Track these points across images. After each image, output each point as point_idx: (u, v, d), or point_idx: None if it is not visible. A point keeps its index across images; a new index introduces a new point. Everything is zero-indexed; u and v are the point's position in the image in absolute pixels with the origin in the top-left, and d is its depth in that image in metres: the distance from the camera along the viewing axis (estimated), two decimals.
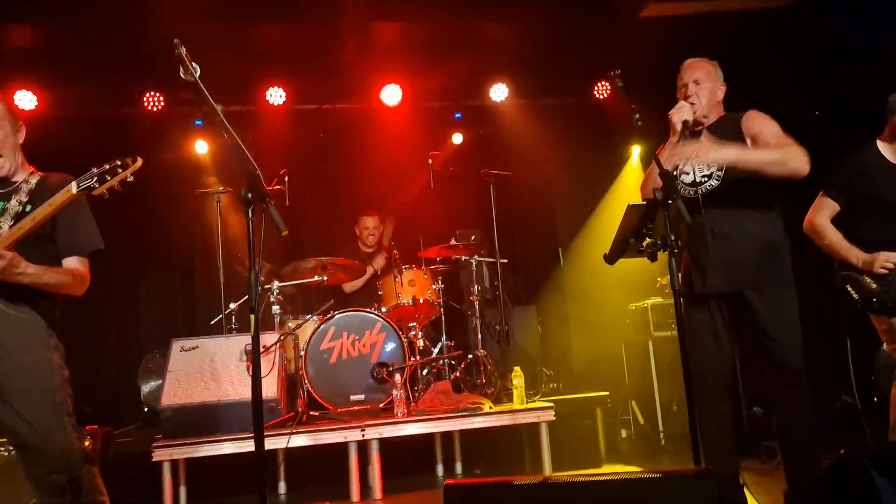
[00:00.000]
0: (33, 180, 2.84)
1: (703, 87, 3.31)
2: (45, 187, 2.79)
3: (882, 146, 3.57)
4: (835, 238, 3.50)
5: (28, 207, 2.73)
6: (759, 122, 3.19)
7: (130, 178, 2.64)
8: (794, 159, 3.02)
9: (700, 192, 3.23)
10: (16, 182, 2.85)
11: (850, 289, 3.37)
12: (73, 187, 2.59)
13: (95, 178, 2.59)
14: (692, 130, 3.32)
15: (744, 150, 3.10)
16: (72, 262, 2.81)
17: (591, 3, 5.95)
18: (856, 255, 3.38)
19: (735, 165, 3.06)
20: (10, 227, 2.67)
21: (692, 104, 3.27)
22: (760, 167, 3.03)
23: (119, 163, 2.61)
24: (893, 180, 3.45)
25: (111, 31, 5.91)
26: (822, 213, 3.54)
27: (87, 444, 2.85)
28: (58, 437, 2.64)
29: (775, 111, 3.30)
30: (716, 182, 3.20)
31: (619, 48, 6.52)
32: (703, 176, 3.24)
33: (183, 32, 2.78)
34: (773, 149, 3.07)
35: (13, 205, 2.75)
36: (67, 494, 2.64)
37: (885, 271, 3.32)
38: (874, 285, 3.30)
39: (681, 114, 3.19)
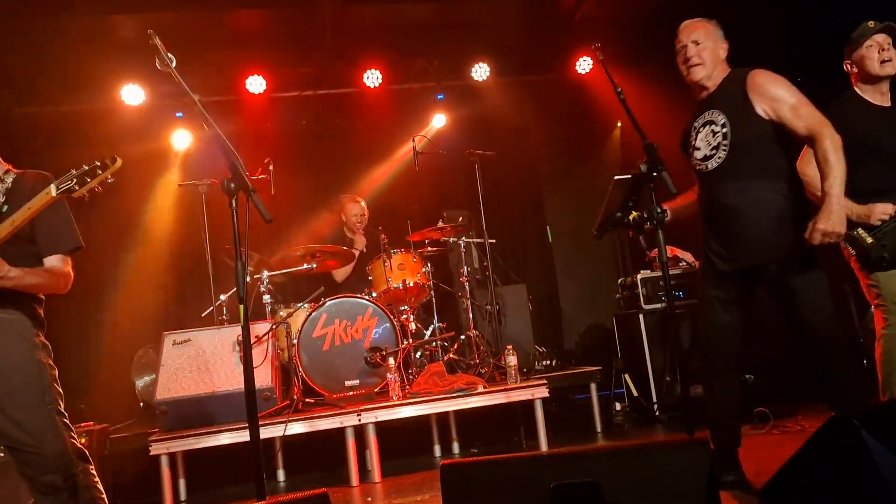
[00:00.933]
0: (9, 179, 2.79)
1: (703, 46, 3.23)
2: (22, 187, 2.74)
3: (861, 90, 3.42)
4: None
5: (5, 208, 2.69)
6: (772, 88, 3.06)
7: (111, 179, 2.57)
8: (834, 140, 2.94)
9: (710, 166, 3.18)
10: None
11: (845, 244, 3.24)
12: (53, 190, 2.51)
13: (75, 181, 2.51)
14: (699, 98, 3.30)
15: (828, 188, 2.92)
16: (53, 261, 2.78)
17: None
18: (849, 207, 3.14)
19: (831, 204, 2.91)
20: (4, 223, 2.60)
21: (696, 65, 3.22)
22: (843, 177, 2.93)
23: (98, 163, 2.53)
24: (887, 124, 3.34)
25: (87, 23, 5.84)
26: (813, 164, 3.27)
27: (82, 441, 2.83)
28: (50, 437, 2.63)
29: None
30: (724, 153, 3.12)
31: (600, 20, 6.50)
32: (711, 149, 3.18)
33: (158, 22, 2.74)
34: (826, 156, 2.94)
35: None
36: (63, 494, 2.63)
37: (879, 223, 3.19)
38: (870, 239, 3.18)
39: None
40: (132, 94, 6.39)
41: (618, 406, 5.67)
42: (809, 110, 3.02)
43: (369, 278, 5.57)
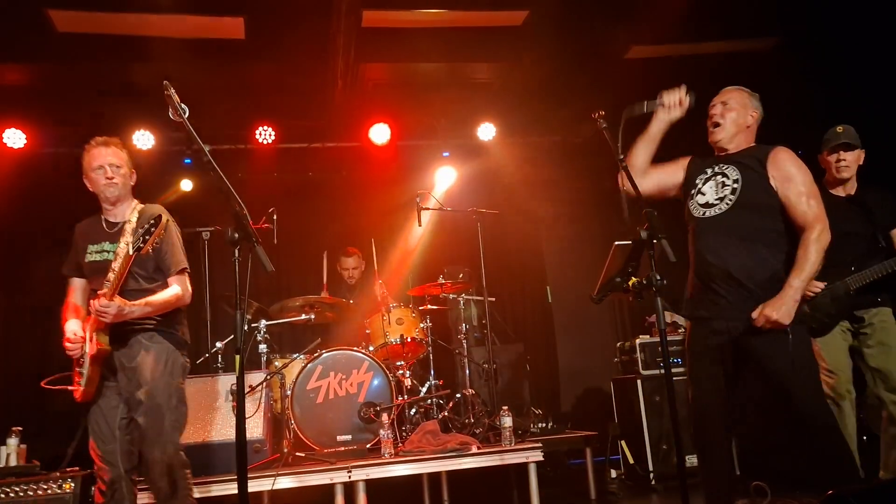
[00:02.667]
0: (134, 218, 3.39)
1: (730, 107, 3.32)
2: (143, 224, 3.23)
3: (826, 182, 3.95)
4: None
5: (131, 249, 3.17)
6: (787, 169, 3.12)
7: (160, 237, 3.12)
8: (822, 238, 3.02)
9: (708, 213, 3.21)
10: (120, 223, 3.41)
11: None
12: (130, 249, 3.12)
13: (141, 239, 3.05)
14: (718, 156, 3.35)
15: (791, 279, 2.98)
16: (173, 281, 3.43)
17: (578, 44, 6.06)
18: None
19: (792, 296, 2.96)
20: (119, 267, 3.18)
21: (718, 124, 3.31)
22: (811, 276, 3.02)
23: (153, 222, 3.05)
24: (839, 211, 3.61)
25: (102, 71, 5.97)
26: None
27: (67, 487, 2.86)
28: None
29: None
30: (726, 206, 3.16)
31: (606, 88, 6.64)
32: (716, 198, 3.21)
33: (174, 72, 2.82)
34: (807, 247, 3.01)
35: (122, 247, 3.25)
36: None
37: (811, 295, 3.63)
38: (806, 308, 3.29)
39: (668, 96, 3.27)
40: (143, 140, 6.49)
41: (613, 473, 5.58)
42: (814, 202, 3.09)
43: (367, 331, 5.55)
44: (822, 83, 6.13)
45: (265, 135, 6.79)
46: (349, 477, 4.30)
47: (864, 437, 4.65)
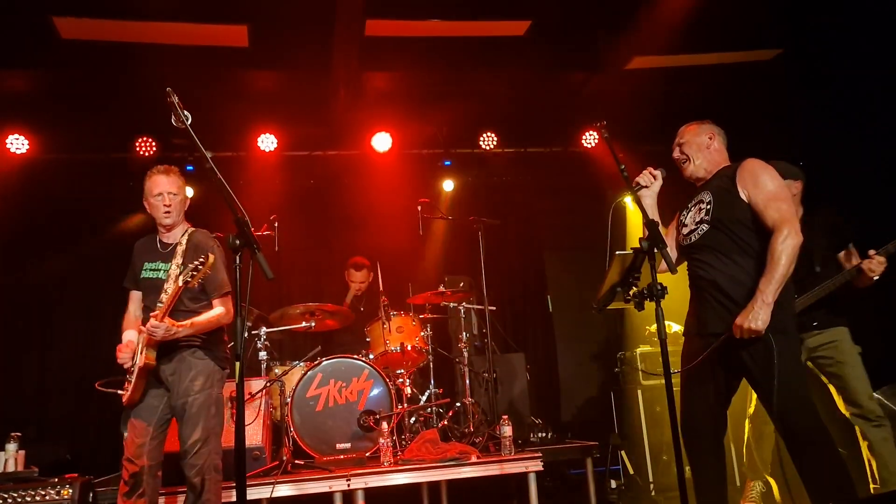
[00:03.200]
0: (185, 240, 3.69)
1: (686, 143, 3.43)
2: (192, 247, 3.64)
3: None
4: None
5: (183, 269, 3.46)
6: (753, 177, 3.17)
7: (209, 272, 3.34)
8: (788, 241, 3.00)
9: (692, 238, 3.31)
10: (173, 244, 3.70)
11: None
12: (180, 281, 3.33)
13: (191, 274, 3.27)
14: (697, 188, 3.44)
15: (762, 285, 2.99)
16: (216, 302, 3.67)
17: (579, 54, 6.09)
18: None
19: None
20: (172, 289, 3.42)
21: (683, 163, 3.43)
22: (782, 280, 3.00)
23: (203, 259, 3.25)
24: None
25: (106, 78, 6.00)
26: None
27: (65, 493, 2.87)
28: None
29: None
30: (705, 228, 3.25)
31: (607, 98, 6.67)
32: (696, 223, 3.31)
33: (177, 80, 2.83)
34: (773, 251, 3.02)
35: (173, 269, 3.57)
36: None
37: None
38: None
39: (641, 178, 3.34)
40: (146, 146, 6.52)
41: (613, 483, 5.55)
42: (782, 205, 3.11)
43: (367, 339, 5.54)
44: (823, 94, 6.15)
45: (267, 142, 6.81)
46: (348, 485, 4.29)
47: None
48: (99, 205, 6.75)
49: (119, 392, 3.67)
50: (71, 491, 4.14)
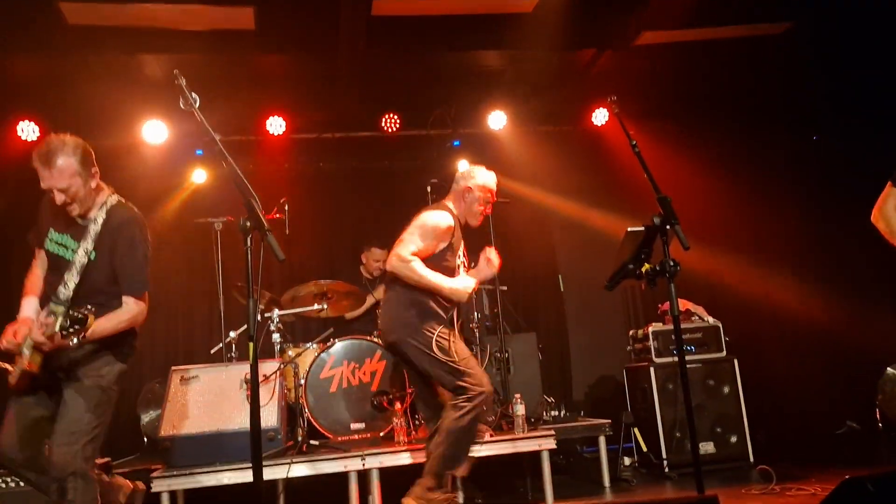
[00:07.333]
0: (100, 219, 3.10)
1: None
2: (108, 232, 3.09)
3: None
4: None
5: (93, 255, 3.04)
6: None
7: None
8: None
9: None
10: (88, 222, 3.11)
11: None
12: (57, 325, 2.81)
13: (68, 325, 2.75)
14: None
15: None
16: (128, 301, 3.15)
17: (588, 30, 6.01)
18: None
19: None
20: (76, 281, 2.98)
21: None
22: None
23: (81, 316, 2.74)
24: None
25: (113, 62, 5.99)
26: (888, 204, 3.49)
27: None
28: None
29: (773, 136, 3.32)
30: None
31: (617, 75, 6.61)
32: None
33: (184, 63, 2.82)
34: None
35: (80, 254, 3.03)
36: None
37: None
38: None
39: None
40: (155, 131, 6.51)
41: (626, 461, 5.57)
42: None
43: (379, 320, 5.55)
44: (834, 68, 6.06)
45: (276, 125, 6.79)
46: (363, 464, 4.33)
47: (881, 425, 4.62)
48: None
49: (5, 367, 3.19)
50: None
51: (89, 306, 2.77)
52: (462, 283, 4.02)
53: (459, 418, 3.79)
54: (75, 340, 2.77)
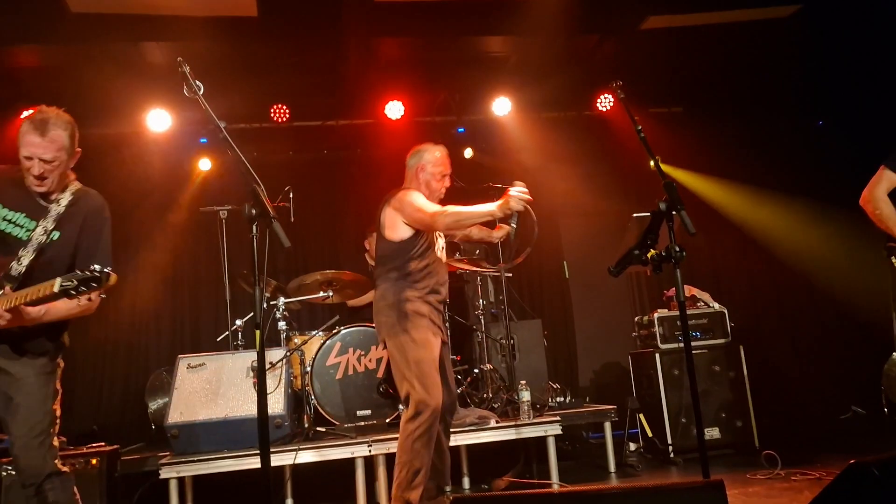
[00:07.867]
0: (65, 201, 2.92)
1: None
2: (76, 213, 2.91)
3: None
4: (887, 210, 3.50)
5: (55, 235, 2.85)
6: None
7: (103, 295, 2.68)
8: None
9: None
10: (50, 203, 2.91)
11: (894, 261, 3.40)
12: (56, 286, 2.55)
13: (75, 283, 2.54)
14: None
15: None
16: None
17: (592, 15, 5.97)
18: None
19: None
20: (30, 259, 2.78)
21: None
22: None
23: (98, 274, 2.55)
24: None
25: (116, 51, 5.98)
26: (880, 187, 3.52)
27: (93, 462, 2.85)
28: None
29: (777, 121, 3.30)
30: None
31: (621, 61, 6.56)
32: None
33: (187, 51, 2.81)
34: None
35: (38, 233, 2.83)
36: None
37: None
38: None
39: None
40: (159, 119, 6.50)
41: (632, 446, 5.58)
42: None
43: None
44: (842, 51, 6.01)
45: (280, 113, 6.78)
46: (369, 451, 4.35)
47: (886, 410, 4.62)
48: (113, 179, 6.76)
49: None
50: (99, 460, 4.23)
51: (96, 266, 2.56)
52: (486, 207, 3.79)
53: (406, 438, 3.49)
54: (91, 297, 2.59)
